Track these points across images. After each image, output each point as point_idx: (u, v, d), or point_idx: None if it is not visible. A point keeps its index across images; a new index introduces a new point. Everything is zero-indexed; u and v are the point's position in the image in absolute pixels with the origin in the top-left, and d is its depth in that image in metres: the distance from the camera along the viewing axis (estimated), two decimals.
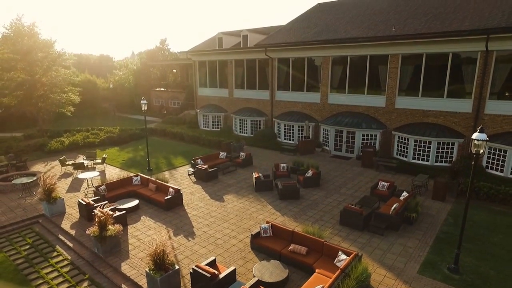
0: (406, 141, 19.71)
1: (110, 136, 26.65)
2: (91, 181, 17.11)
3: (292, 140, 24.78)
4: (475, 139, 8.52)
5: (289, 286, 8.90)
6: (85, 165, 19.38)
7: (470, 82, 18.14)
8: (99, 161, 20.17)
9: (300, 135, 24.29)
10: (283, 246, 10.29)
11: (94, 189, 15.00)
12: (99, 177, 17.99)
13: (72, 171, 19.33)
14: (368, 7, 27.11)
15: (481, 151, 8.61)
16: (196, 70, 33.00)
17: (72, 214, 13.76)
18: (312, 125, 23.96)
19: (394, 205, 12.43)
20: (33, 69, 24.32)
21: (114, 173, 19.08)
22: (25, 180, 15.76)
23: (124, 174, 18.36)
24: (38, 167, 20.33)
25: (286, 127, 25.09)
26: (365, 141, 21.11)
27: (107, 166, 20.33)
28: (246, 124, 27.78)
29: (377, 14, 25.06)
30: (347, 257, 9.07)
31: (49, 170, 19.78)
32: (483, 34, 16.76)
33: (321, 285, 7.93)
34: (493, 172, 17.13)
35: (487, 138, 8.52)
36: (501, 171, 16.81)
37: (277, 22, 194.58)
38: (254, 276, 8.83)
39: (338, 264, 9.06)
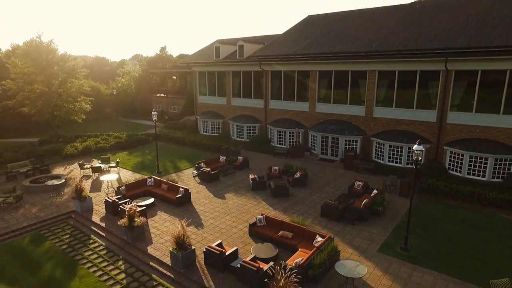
0: (382, 146, 22.72)
1: (119, 141, 29.31)
2: (111, 182, 19.83)
3: (284, 144, 27.68)
4: (415, 150, 11.47)
5: (278, 260, 11.75)
6: (102, 168, 22.04)
7: (434, 96, 21.20)
8: (113, 164, 22.85)
9: (291, 140, 27.20)
10: (274, 232, 13.16)
11: (115, 189, 17.73)
12: (116, 179, 20.67)
13: (91, 174, 21.98)
14: (354, 21, 30.12)
15: (420, 158, 11.56)
16: (196, 79, 35.72)
17: (99, 210, 16.48)
18: (301, 131, 26.88)
19: (364, 201, 15.38)
20: (50, 82, 26.93)
21: (127, 175, 21.80)
22: (55, 182, 18.43)
23: (136, 176, 21.11)
24: (59, 170, 22.94)
25: (278, 133, 27.98)
26: (347, 146, 24.08)
27: (120, 169, 23.01)
28: (243, 130, 30.62)
29: (361, 29, 28.04)
30: (322, 239, 11.95)
31: (69, 173, 22.43)
32: (442, 56, 19.81)
33: (301, 258, 10.80)
34: (454, 173, 20.18)
35: (423, 149, 11.47)
36: (460, 171, 19.88)
37: (273, 29, 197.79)
38: (252, 254, 11.67)
39: (315, 244, 11.94)
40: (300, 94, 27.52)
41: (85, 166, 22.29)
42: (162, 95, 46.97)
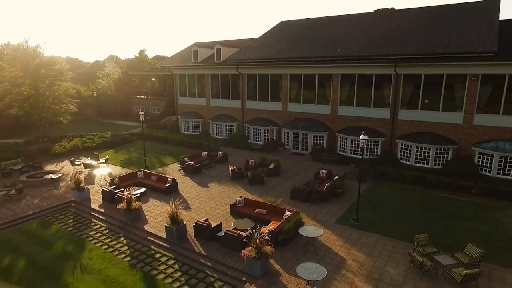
0: (345, 140, 25.95)
1: (104, 140, 31.05)
2: (104, 176, 21.84)
3: (260, 141, 30.45)
4: (361, 139, 14.52)
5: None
6: (93, 164, 23.90)
7: (387, 96, 24.63)
8: (103, 161, 24.75)
9: (266, 137, 30.01)
10: (251, 210, 15.84)
11: (108, 181, 19.81)
12: (108, 173, 22.63)
13: (82, 170, 23.79)
14: (322, 28, 33.44)
15: (365, 146, 14.62)
16: (177, 81, 37.82)
17: (96, 199, 18.54)
18: (275, 129, 29.74)
19: (327, 184, 18.38)
20: (37, 84, 28.33)
21: (117, 170, 23.80)
22: (53, 176, 20.26)
23: (126, 170, 23.17)
24: (50, 168, 24.58)
25: (254, 131, 30.72)
26: (315, 141, 27.17)
27: (109, 165, 24.93)
28: (222, 128, 33.13)
29: (328, 35, 31.32)
30: (290, 213, 14.76)
31: (61, 169, 24.13)
32: (393, 62, 23.26)
33: (272, 226, 13.54)
34: (404, 161, 23.65)
35: (368, 138, 14.54)
36: (409, 160, 23.38)
37: (248, 32, 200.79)
38: (233, 226, 14.28)
39: (284, 217, 14.73)
40: (274, 95, 30.38)
41: (76, 163, 24.09)
42: (142, 96, 48.54)
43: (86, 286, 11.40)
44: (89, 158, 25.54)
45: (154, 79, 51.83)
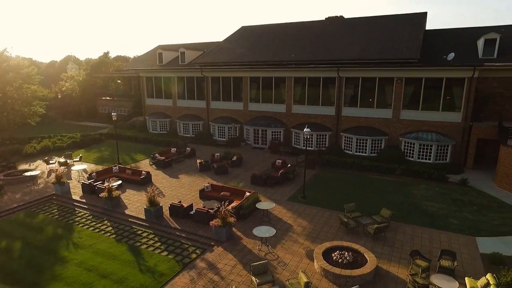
0: (298, 135, 29.66)
1: (74, 140, 32.41)
2: (81, 172, 23.71)
3: (224, 137, 33.41)
4: (305, 132, 18.04)
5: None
6: (68, 162, 25.56)
7: (333, 96, 28.66)
8: (77, 159, 26.44)
9: (230, 134, 33.04)
10: (217, 193, 18.84)
11: (87, 175, 21.84)
12: (84, 169, 24.46)
13: (58, 168, 25.31)
14: (280, 33, 37.05)
15: (308, 137, 18.17)
16: (143, 83, 39.65)
17: (76, 192, 20.55)
18: (238, 126, 32.85)
19: (281, 171, 21.82)
20: (5, 87, 29.15)
21: (91, 167, 25.66)
22: (33, 173, 21.87)
23: (99, 167, 25.13)
24: (24, 167, 25.85)
25: (219, 128, 33.63)
26: (273, 136, 30.65)
27: (83, 163, 26.65)
28: (188, 127, 35.66)
29: (285, 40, 34.95)
30: (249, 193, 17.96)
31: (35, 168, 25.52)
32: (335, 67, 27.29)
33: (235, 204, 16.65)
34: (347, 151, 27.76)
35: (309, 130, 18.11)
36: (351, 150, 27.52)
37: (210, 34, 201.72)
38: (202, 206, 17.21)
39: (245, 196, 17.89)
40: (236, 96, 33.47)
41: (51, 162, 25.62)
42: (108, 98, 49.46)
43: (81, 257, 13.80)
44: (62, 157, 27.05)
45: (119, 81, 52.78)
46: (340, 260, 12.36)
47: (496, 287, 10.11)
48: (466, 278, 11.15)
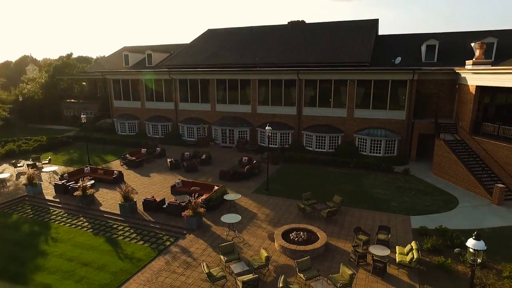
0: (263, 133, 31.71)
1: (41, 143, 32.30)
2: (51, 173, 24.16)
3: (193, 137, 34.75)
4: (266, 129, 20.03)
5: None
6: (37, 165, 25.80)
7: (294, 96, 31.00)
8: (46, 161, 26.71)
9: (198, 134, 34.43)
10: (188, 188, 20.33)
11: (59, 176, 22.44)
12: (54, 171, 24.88)
13: (26, 170, 25.50)
14: (245, 37, 38.96)
15: (270, 134, 20.17)
16: (111, 85, 39.90)
17: (48, 193, 21.16)
18: (206, 126, 34.33)
19: (247, 167, 23.70)
20: None
21: (62, 169, 26.08)
22: (1, 176, 22.11)
23: (70, 169, 25.64)
24: None
25: (188, 129, 34.91)
26: (240, 135, 32.48)
27: (53, 165, 26.95)
28: (158, 128, 36.59)
29: (250, 44, 36.91)
30: (218, 187, 19.65)
31: (2, 171, 25.52)
32: (295, 70, 29.63)
33: (205, 196, 18.27)
34: (309, 148, 30.21)
35: (271, 128, 20.13)
36: (311, 147, 29.99)
37: (179, 37, 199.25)
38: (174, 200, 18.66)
39: (214, 190, 19.56)
40: (204, 97, 34.90)
41: (18, 165, 25.75)
42: (72, 100, 48.80)
43: (61, 250, 14.83)
44: (30, 160, 27.16)
45: (84, 83, 52.14)
46: (296, 239, 14.43)
47: (417, 251, 12.61)
48: (396, 247, 13.62)
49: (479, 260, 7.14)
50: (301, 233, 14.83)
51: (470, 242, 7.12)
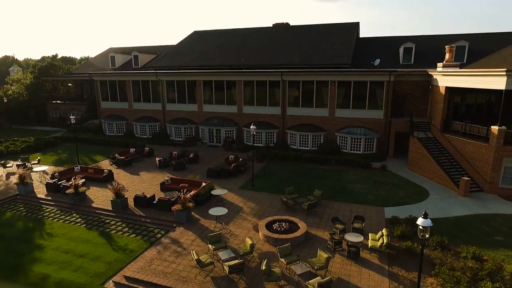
0: (249, 133, 32.85)
1: (28, 144, 32.57)
2: (42, 173, 24.67)
3: (180, 137, 35.59)
4: (251, 128, 21.18)
5: None
6: (26, 165, 26.22)
7: (278, 97, 32.25)
8: (36, 162, 27.14)
9: (186, 134, 35.30)
10: (177, 185, 21.29)
11: (49, 176, 23.01)
12: (44, 171, 25.37)
13: (16, 170, 25.91)
14: (231, 38, 40.02)
15: (254, 133, 21.34)
16: (98, 87, 40.27)
17: (40, 191, 21.74)
18: (193, 126, 35.24)
19: (233, 165, 24.80)
20: None
21: (51, 169, 26.58)
22: None
23: (60, 168, 26.18)
24: None
25: (175, 129, 35.73)
26: (227, 135, 33.54)
27: (42, 165, 27.38)
28: (145, 128, 37.25)
29: (235, 46, 37.98)
30: (205, 183, 20.69)
31: None
32: (279, 72, 30.90)
33: (193, 192, 19.28)
34: (293, 146, 31.50)
35: (256, 127, 21.29)
36: (295, 145, 31.31)
37: (165, 38, 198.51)
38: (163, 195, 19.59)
39: (201, 186, 20.58)
40: (191, 98, 35.78)
41: (7, 166, 26.11)
42: (59, 101, 48.80)
43: (56, 243, 15.60)
44: (19, 160, 27.53)
45: (70, 84, 52.14)
46: (279, 229, 15.64)
47: (387, 236, 14.00)
48: (369, 234, 14.99)
49: (427, 235, 8.48)
50: (284, 223, 16.04)
51: (420, 220, 8.45)
